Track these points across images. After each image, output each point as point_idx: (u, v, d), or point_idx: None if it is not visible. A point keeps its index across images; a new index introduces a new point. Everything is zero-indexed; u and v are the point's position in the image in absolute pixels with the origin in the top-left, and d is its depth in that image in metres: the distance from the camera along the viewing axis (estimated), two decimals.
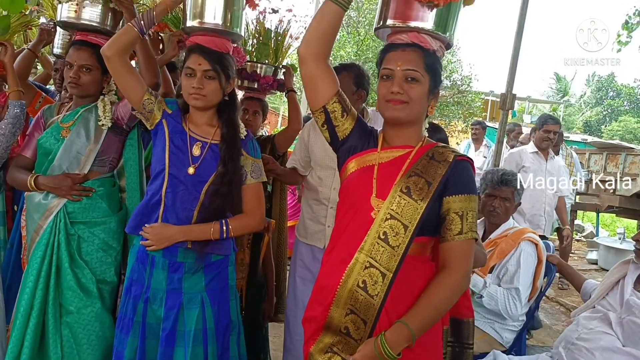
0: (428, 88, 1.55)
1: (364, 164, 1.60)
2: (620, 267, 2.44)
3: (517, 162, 4.64)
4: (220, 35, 2.12)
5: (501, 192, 2.84)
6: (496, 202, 2.84)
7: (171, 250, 2.04)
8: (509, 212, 2.87)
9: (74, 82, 2.28)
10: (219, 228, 2.03)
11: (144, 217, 2.07)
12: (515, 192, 2.85)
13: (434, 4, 1.51)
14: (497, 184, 2.86)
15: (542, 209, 4.67)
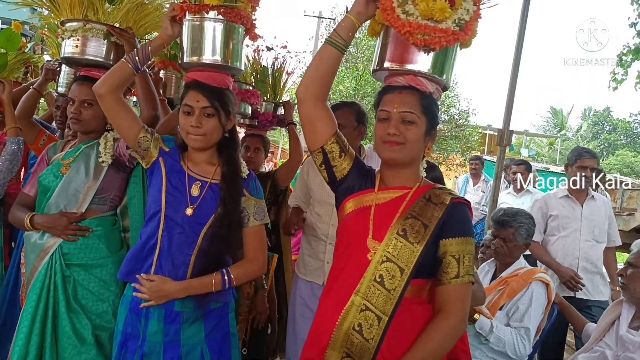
0: (425, 130, 1.57)
1: (361, 205, 1.60)
2: (614, 308, 2.45)
3: (543, 212, 3.78)
4: (219, 70, 2.03)
5: (500, 233, 2.90)
6: (497, 243, 2.89)
7: None
8: (512, 253, 2.88)
9: (75, 118, 2.23)
10: (220, 279, 1.90)
11: (138, 262, 1.95)
12: (516, 232, 2.87)
13: (430, 48, 1.53)
14: (496, 224, 2.93)
15: (574, 265, 3.62)
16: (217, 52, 2.00)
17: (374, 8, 1.59)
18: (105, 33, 2.29)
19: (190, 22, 2.00)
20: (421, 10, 1.49)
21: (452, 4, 1.51)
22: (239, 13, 2.00)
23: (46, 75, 2.82)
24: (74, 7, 2.26)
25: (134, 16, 2.37)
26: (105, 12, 2.31)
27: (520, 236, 2.87)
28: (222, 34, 2.00)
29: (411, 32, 1.50)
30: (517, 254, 2.89)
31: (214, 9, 1.96)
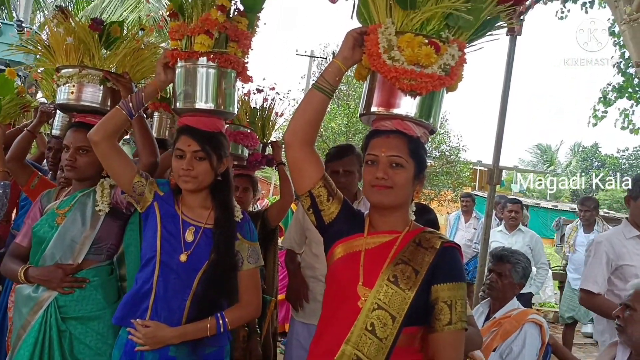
0: (413, 173, 1.57)
1: (351, 250, 1.58)
2: (608, 350, 2.42)
3: (609, 258, 2.85)
4: (211, 114, 2.05)
5: (497, 267, 2.88)
6: (492, 276, 2.87)
7: None
8: (506, 290, 2.85)
9: (70, 165, 2.18)
10: (215, 323, 1.90)
11: (133, 307, 1.94)
12: (513, 269, 2.85)
13: (416, 93, 1.54)
14: (495, 258, 2.92)
15: None
16: (209, 97, 2.02)
17: (360, 53, 1.60)
18: (102, 79, 2.29)
19: (182, 69, 2.02)
20: (407, 56, 1.51)
21: (438, 49, 1.53)
22: (229, 58, 2.02)
23: (40, 118, 2.80)
24: (69, 53, 2.26)
25: (131, 61, 2.38)
26: (102, 58, 2.31)
27: (517, 274, 2.86)
28: (213, 79, 2.02)
29: (398, 78, 1.51)
30: (511, 293, 2.86)
31: (204, 55, 1.98)
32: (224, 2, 1.98)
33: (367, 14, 1.62)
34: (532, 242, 5.57)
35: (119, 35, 2.36)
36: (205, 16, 1.95)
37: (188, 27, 1.98)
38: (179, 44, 2.01)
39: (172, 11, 2.06)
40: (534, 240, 5.59)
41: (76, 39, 2.25)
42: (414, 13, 1.56)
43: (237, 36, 2.03)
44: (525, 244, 5.49)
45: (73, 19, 2.32)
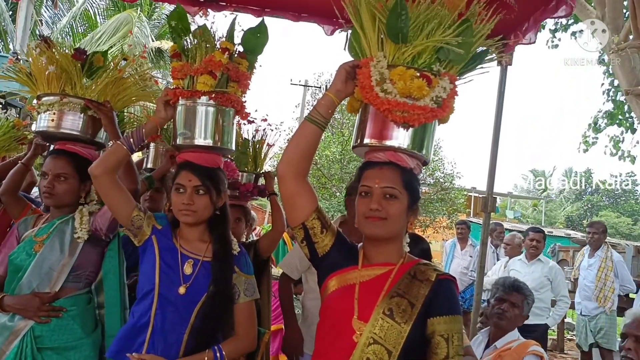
0: (407, 205, 1.57)
1: (345, 283, 1.57)
2: None
3: None
4: (210, 151, 2.10)
5: (511, 297, 2.84)
6: (505, 306, 2.81)
7: None
8: (516, 321, 2.83)
9: (48, 192, 2.18)
10: (212, 356, 1.89)
11: (129, 340, 1.93)
12: (525, 301, 2.83)
13: (409, 125, 1.55)
14: (509, 288, 2.87)
15: None
16: (208, 134, 2.07)
17: (352, 86, 1.62)
18: (83, 107, 2.28)
19: (183, 106, 2.07)
20: (399, 89, 1.53)
21: (429, 82, 1.55)
22: (230, 98, 2.08)
23: (35, 150, 2.77)
24: (51, 82, 2.27)
25: (112, 89, 2.37)
26: (83, 87, 2.31)
27: (527, 306, 2.86)
28: (213, 117, 2.07)
29: (390, 110, 1.52)
30: (515, 325, 2.83)
31: (206, 94, 2.03)
32: (227, 45, 2.07)
33: (359, 48, 1.65)
34: (552, 273, 5.35)
35: (102, 65, 2.38)
36: (209, 57, 2.02)
37: (191, 67, 2.04)
38: (181, 83, 2.06)
39: (175, 52, 2.11)
40: (553, 272, 5.36)
41: (58, 67, 2.26)
42: (406, 47, 1.58)
43: (238, 77, 2.10)
44: (543, 274, 5.31)
45: (56, 49, 2.33)
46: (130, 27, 10.71)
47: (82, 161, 2.26)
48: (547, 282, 5.29)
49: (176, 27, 2.11)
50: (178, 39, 2.12)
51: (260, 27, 2.18)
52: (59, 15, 13.17)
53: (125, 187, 2.20)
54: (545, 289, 5.27)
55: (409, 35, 1.57)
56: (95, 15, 13.07)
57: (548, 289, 5.29)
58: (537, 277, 5.26)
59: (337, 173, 16.25)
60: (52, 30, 12.79)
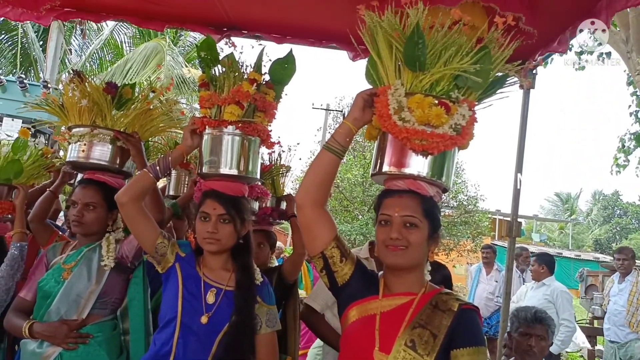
0: (427, 233, 1.55)
1: (366, 313, 1.54)
2: None
3: None
4: (235, 179, 2.12)
5: (536, 330, 2.73)
6: (532, 341, 2.71)
7: None
8: (544, 352, 2.73)
9: (77, 221, 2.24)
10: None
11: None
12: (549, 330, 2.75)
13: (428, 153, 1.54)
14: (532, 321, 2.76)
15: None
16: (234, 163, 2.09)
17: (370, 114, 1.62)
18: (112, 138, 2.35)
19: (210, 135, 2.10)
20: (417, 117, 1.52)
21: (448, 109, 1.54)
22: (257, 127, 2.11)
23: (63, 178, 2.82)
24: (82, 114, 2.34)
25: (140, 121, 2.44)
26: (113, 118, 2.38)
27: (552, 334, 2.77)
28: (240, 146, 2.10)
29: (409, 138, 1.51)
30: (542, 356, 2.73)
31: (233, 123, 2.06)
32: (255, 76, 2.10)
33: (377, 76, 1.65)
34: (554, 295, 5.25)
35: (130, 97, 2.45)
36: (237, 88, 2.05)
37: (219, 97, 2.07)
38: (208, 112, 2.09)
39: (203, 81, 2.16)
40: (555, 294, 5.26)
41: (90, 100, 2.33)
42: (423, 74, 1.58)
43: (265, 107, 2.14)
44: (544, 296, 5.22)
45: (88, 82, 2.41)
46: (162, 56, 10.94)
47: (110, 190, 2.32)
48: (548, 305, 5.14)
49: (205, 58, 2.15)
50: (207, 68, 2.16)
51: (287, 58, 2.21)
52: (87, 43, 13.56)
53: (152, 216, 2.23)
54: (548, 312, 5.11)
55: (427, 63, 1.57)
56: (122, 43, 13.42)
57: (551, 312, 5.11)
58: (539, 299, 5.13)
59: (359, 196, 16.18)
60: (80, 58, 13.18)
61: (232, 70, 2.14)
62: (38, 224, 2.73)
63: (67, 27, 11.58)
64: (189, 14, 3.63)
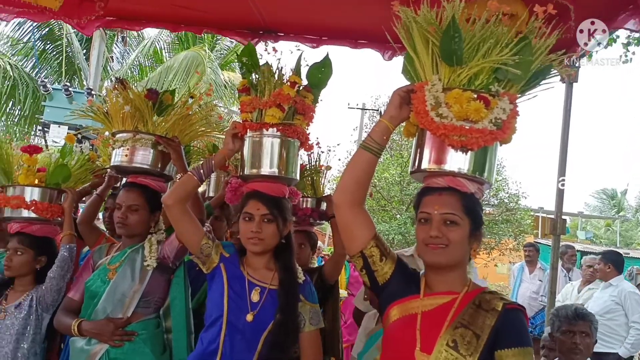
0: (468, 231, 1.51)
1: (407, 312, 1.52)
2: None
3: None
4: (276, 180, 2.17)
5: (579, 327, 2.65)
6: (577, 339, 2.62)
7: None
8: (590, 349, 2.65)
9: (121, 222, 2.32)
10: None
11: None
12: (593, 326, 2.66)
13: (467, 149, 1.50)
14: (574, 318, 2.68)
15: None
16: (275, 165, 2.15)
17: (407, 111, 1.59)
18: (154, 142, 2.42)
19: (251, 138, 2.16)
20: (455, 112, 1.49)
21: (487, 104, 1.50)
22: (296, 129, 2.16)
23: (109, 182, 2.91)
24: (125, 120, 2.42)
25: (180, 126, 2.51)
26: (154, 124, 2.45)
27: (596, 331, 2.68)
28: (280, 148, 2.15)
29: (447, 134, 1.48)
30: (589, 353, 2.64)
31: (274, 126, 2.11)
32: (296, 79, 2.16)
33: (413, 72, 1.62)
34: (621, 297, 4.93)
35: (170, 103, 2.53)
36: (278, 91, 2.10)
37: (260, 100, 2.12)
38: (249, 116, 2.15)
39: (244, 86, 2.21)
40: (623, 295, 4.94)
41: (132, 106, 2.41)
42: (461, 69, 1.54)
43: (304, 109, 2.19)
44: (610, 298, 4.96)
45: (131, 90, 2.49)
46: (202, 68, 11.16)
47: (152, 193, 2.41)
48: (616, 307, 4.91)
49: (247, 63, 2.21)
50: (248, 74, 2.22)
51: (324, 62, 2.25)
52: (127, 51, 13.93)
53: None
54: (615, 314, 4.90)
55: (464, 57, 1.54)
56: (161, 50, 13.73)
57: (619, 313, 4.89)
58: (605, 301, 4.91)
59: (396, 195, 16.06)
60: (121, 65, 13.55)
61: (272, 75, 2.19)
62: (86, 226, 2.83)
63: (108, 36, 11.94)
64: (225, 19, 3.69)
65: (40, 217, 2.42)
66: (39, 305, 2.38)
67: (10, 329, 2.32)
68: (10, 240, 2.46)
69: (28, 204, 2.38)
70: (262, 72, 2.20)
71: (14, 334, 2.32)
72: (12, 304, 2.38)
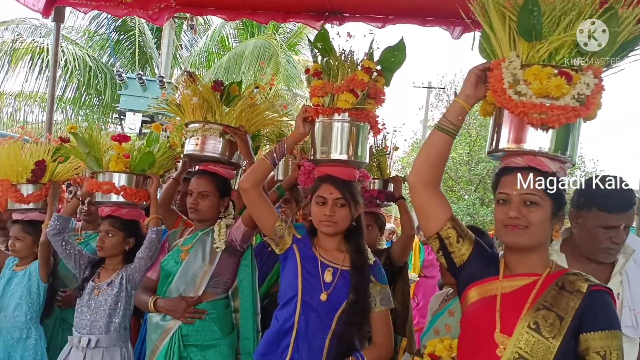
0: (550, 212, 1.47)
1: (486, 294, 1.50)
2: None
3: None
4: (347, 164, 2.20)
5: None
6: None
7: None
8: None
9: (193, 208, 2.46)
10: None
11: (274, 344, 2.06)
12: None
13: (548, 127, 1.45)
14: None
15: None
16: (346, 149, 2.17)
17: (483, 90, 1.56)
18: (222, 132, 2.53)
19: (322, 123, 2.19)
20: (535, 89, 1.44)
21: (569, 79, 1.43)
22: (368, 114, 2.17)
23: (184, 166, 3.02)
24: (195, 111, 2.54)
25: (247, 115, 2.60)
26: (222, 113, 2.56)
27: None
28: (351, 133, 2.17)
29: (526, 112, 1.44)
30: None
31: (345, 111, 2.12)
32: (370, 64, 2.15)
33: (490, 49, 1.58)
34: None
35: (237, 94, 2.62)
36: (352, 77, 2.11)
37: (333, 85, 2.14)
38: (320, 101, 2.17)
39: (316, 71, 2.23)
40: None
41: (201, 98, 2.52)
42: (540, 44, 1.49)
43: (376, 94, 2.19)
44: None
45: (199, 82, 2.60)
46: (276, 58, 11.30)
47: (221, 180, 2.54)
48: None
49: (320, 48, 2.24)
50: (321, 58, 2.24)
51: (398, 46, 2.23)
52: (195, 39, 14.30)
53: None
54: None
55: (544, 31, 1.48)
56: (227, 36, 14.01)
57: None
58: None
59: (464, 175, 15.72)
60: (190, 52, 13.96)
61: (344, 60, 2.20)
62: (164, 209, 2.97)
63: (176, 24, 12.30)
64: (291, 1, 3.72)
65: (129, 202, 2.57)
66: (128, 283, 2.56)
67: (104, 304, 2.51)
68: (101, 223, 2.63)
69: (118, 189, 2.53)
70: (335, 57, 2.21)
71: (107, 309, 2.50)
72: (105, 282, 2.56)
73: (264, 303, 2.66)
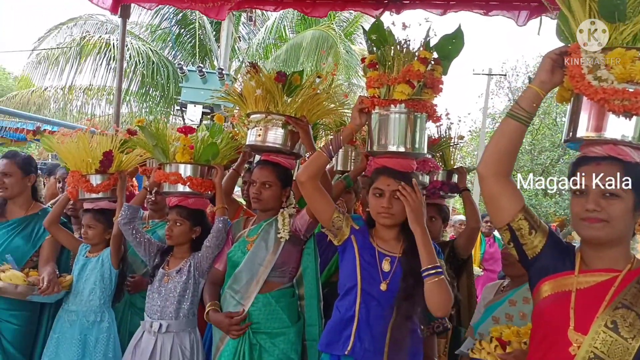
0: (632, 204, 1.38)
1: (560, 289, 1.45)
2: None
3: None
4: (404, 156, 2.18)
5: None
6: None
7: None
8: None
9: (256, 197, 2.50)
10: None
11: (337, 334, 2.09)
12: None
13: (631, 114, 1.37)
14: None
15: None
16: (403, 141, 2.15)
17: (560, 75, 1.49)
18: (284, 122, 2.54)
19: (379, 114, 2.16)
20: (617, 74, 1.36)
21: None
22: (425, 104, 2.13)
23: (244, 157, 3.10)
24: (258, 102, 2.56)
25: (308, 105, 2.59)
26: (284, 104, 2.56)
27: None
28: (408, 123, 2.14)
29: (607, 99, 1.37)
30: None
31: (402, 102, 2.09)
32: (426, 54, 2.11)
33: (568, 32, 1.51)
34: None
35: (299, 84, 2.61)
36: (408, 67, 2.08)
37: (388, 77, 2.11)
38: (376, 92, 2.15)
39: (372, 62, 2.20)
40: None
41: (263, 89, 2.54)
42: (624, 25, 1.41)
43: (433, 83, 2.15)
44: None
45: (262, 73, 2.61)
46: (336, 49, 11.30)
47: (283, 170, 2.56)
48: None
49: (376, 40, 2.21)
50: (376, 49, 2.21)
51: (456, 33, 2.18)
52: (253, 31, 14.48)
53: None
54: None
55: (628, 12, 1.40)
56: (284, 27, 14.09)
57: None
58: None
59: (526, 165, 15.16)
60: (248, 45, 14.15)
61: (401, 51, 2.16)
62: (226, 199, 3.04)
63: (235, 17, 12.48)
64: None
65: (195, 192, 2.63)
66: (196, 271, 2.63)
67: (173, 291, 2.59)
68: (169, 212, 2.71)
69: (185, 179, 2.60)
70: (391, 47, 2.18)
71: (176, 295, 2.59)
72: (174, 269, 2.64)
73: (324, 292, 2.68)
